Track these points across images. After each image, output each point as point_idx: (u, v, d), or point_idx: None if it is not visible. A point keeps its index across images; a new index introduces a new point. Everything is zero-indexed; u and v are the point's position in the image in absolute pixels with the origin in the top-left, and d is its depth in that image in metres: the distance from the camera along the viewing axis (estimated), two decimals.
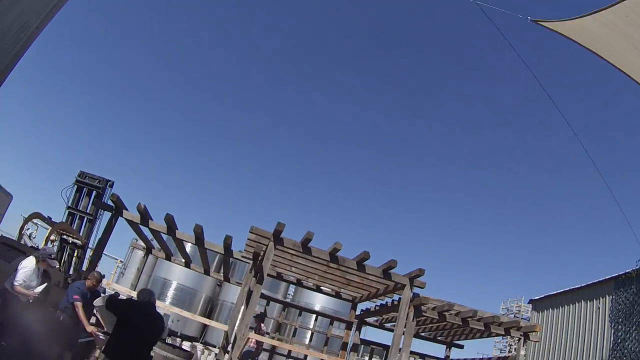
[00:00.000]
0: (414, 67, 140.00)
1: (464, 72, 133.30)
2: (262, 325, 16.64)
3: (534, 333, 16.27)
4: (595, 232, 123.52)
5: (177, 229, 15.04)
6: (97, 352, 7.55)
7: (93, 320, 10.33)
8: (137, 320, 7.27)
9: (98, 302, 8.47)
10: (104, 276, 11.94)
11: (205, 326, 27.37)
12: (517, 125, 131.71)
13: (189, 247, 20.76)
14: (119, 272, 34.41)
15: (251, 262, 14.73)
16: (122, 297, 10.39)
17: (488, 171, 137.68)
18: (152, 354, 7.96)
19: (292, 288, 28.60)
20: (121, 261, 35.16)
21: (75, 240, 14.67)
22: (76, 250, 14.78)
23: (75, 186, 15.07)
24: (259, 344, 15.93)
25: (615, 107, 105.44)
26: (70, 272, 14.39)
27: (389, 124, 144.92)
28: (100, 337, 9.22)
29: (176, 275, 27.45)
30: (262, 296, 19.67)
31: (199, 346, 19.17)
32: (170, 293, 26.96)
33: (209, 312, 27.91)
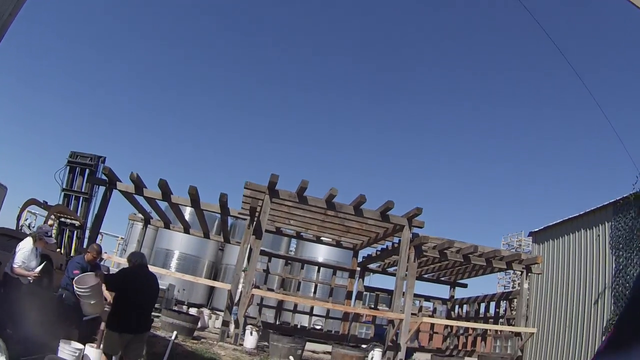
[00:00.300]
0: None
1: None
2: None
3: (536, 265, 16.38)
4: (593, 158, 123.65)
5: (172, 194, 15.06)
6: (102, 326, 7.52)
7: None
8: (135, 285, 7.30)
9: (79, 283, 8.39)
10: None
11: (211, 293, 27.53)
12: (515, 58, 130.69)
13: (187, 214, 20.81)
14: (121, 249, 34.40)
15: (248, 218, 14.75)
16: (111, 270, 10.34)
17: (481, 105, 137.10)
18: (156, 319, 8.02)
19: (293, 244, 28.69)
20: (122, 238, 35.14)
21: (73, 221, 14.64)
22: (75, 231, 14.75)
23: (68, 167, 14.97)
24: None
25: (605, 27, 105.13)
26: (72, 254, 14.38)
27: (382, 70, 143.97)
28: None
29: (177, 244, 27.48)
30: (263, 253, 19.79)
31: (206, 311, 19.25)
32: (174, 263, 27.00)
33: (213, 277, 27.97)
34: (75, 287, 8.16)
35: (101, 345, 7.50)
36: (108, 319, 7.31)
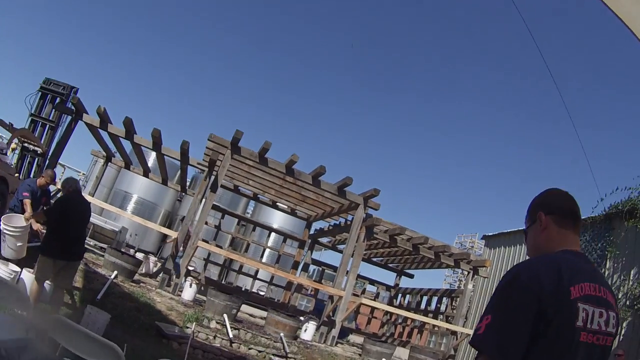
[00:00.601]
0: None
1: None
2: None
3: (483, 268, 16.52)
4: (558, 178, 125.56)
5: (136, 134, 14.89)
6: (38, 262, 7.46)
7: None
8: (73, 212, 7.40)
9: (8, 222, 8.26)
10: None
11: (161, 243, 27.40)
12: (494, 61, 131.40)
13: (151, 161, 20.63)
14: (81, 184, 33.99)
15: (207, 170, 14.64)
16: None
17: (451, 106, 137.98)
18: (101, 257, 8.05)
19: (251, 206, 28.60)
20: (83, 173, 34.70)
21: (36, 148, 14.42)
22: (37, 159, 14.53)
23: (40, 93, 14.70)
24: None
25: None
26: None
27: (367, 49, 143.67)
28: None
29: (137, 188, 27.19)
30: (218, 209, 19.73)
31: (153, 258, 19.14)
32: (130, 206, 26.68)
33: (167, 227, 27.83)
34: (2, 225, 8.05)
35: (35, 271, 7.44)
36: (43, 246, 7.32)
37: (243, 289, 19.42)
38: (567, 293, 1.94)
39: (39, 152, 14.38)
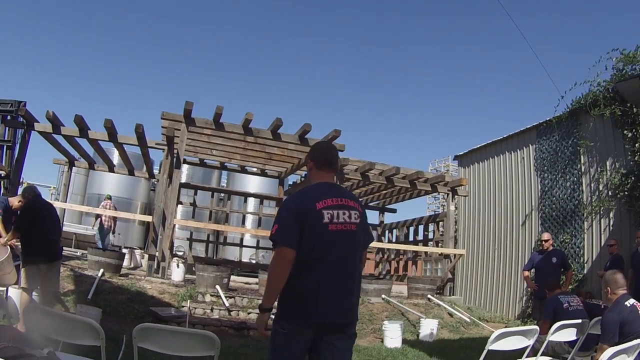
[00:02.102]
0: None
1: None
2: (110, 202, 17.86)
3: (461, 187, 16.64)
4: (518, 83, 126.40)
5: (90, 129, 14.68)
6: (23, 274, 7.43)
7: None
8: (41, 216, 7.56)
9: None
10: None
11: (147, 235, 27.29)
12: None
13: (115, 158, 20.38)
14: (54, 198, 33.63)
15: (166, 148, 14.49)
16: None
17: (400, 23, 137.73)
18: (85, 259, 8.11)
19: (224, 178, 28.60)
20: (54, 187, 34.33)
21: None
22: (2, 182, 14.28)
23: None
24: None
25: None
26: None
27: None
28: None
29: (108, 188, 26.84)
30: (189, 186, 19.65)
31: (137, 250, 19.07)
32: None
33: None
34: None
35: (22, 283, 7.41)
36: (25, 257, 7.37)
37: (236, 260, 19.47)
38: (313, 206, 3.36)
39: (2, 174, 14.17)
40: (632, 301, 5.29)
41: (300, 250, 3.25)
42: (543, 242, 10.71)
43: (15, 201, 9.69)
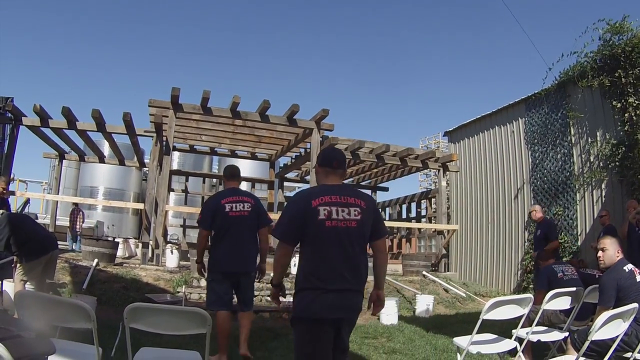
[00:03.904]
0: None
1: None
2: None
3: (452, 163, 16.66)
4: (505, 56, 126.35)
5: (78, 121, 14.60)
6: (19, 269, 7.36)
7: None
8: (30, 225, 7.54)
9: None
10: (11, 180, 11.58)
11: (141, 225, 27.32)
12: None
13: (106, 150, 20.31)
14: (46, 193, 33.63)
15: (155, 135, 14.44)
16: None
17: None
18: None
19: (215, 164, 28.62)
20: (46, 182, 34.29)
21: None
22: None
23: None
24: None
25: None
26: None
27: None
28: None
29: (100, 180, 27.00)
30: (180, 173, 19.62)
31: (132, 240, 19.06)
32: (100, 199, 26.52)
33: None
34: None
35: (16, 277, 7.35)
36: (23, 255, 7.22)
37: None
38: (309, 204, 3.68)
39: None
40: (630, 266, 5.32)
41: (306, 241, 3.71)
42: (530, 215, 10.77)
43: None
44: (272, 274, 4.06)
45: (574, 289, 6.09)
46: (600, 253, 5.56)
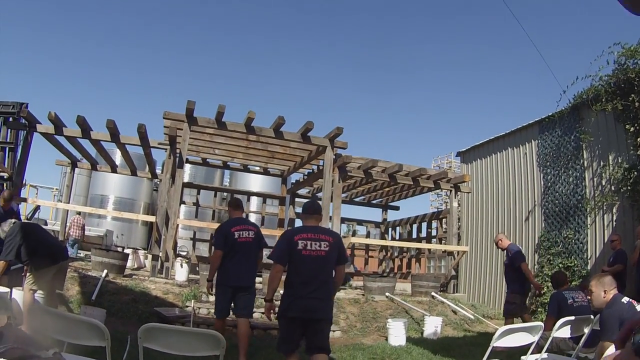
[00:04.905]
0: None
1: None
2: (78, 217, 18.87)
3: (464, 184, 16.62)
4: (520, 78, 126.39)
5: (92, 130, 14.69)
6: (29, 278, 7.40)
7: None
8: (37, 229, 7.96)
9: None
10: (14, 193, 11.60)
11: (150, 235, 27.38)
12: None
13: (118, 159, 20.43)
14: (57, 200, 33.79)
15: (169, 148, 14.51)
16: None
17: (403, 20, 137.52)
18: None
19: (227, 176, 28.70)
20: (57, 189, 34.47)
21: (2, 174, 14.18)
22: (4, 184, 14.26)
23: None
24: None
25: None
26: None
27: None
28: None
29: (111, 189, 27.13)
30: (191, 186, 19.67)
31: (141, 251, 19.10)
32: (110, 207, 26.59)
33: None
34: None
35: (26, 286, 7.39)
36: (33, 265, 7.30)
37: None
38: (292, 239, 5.41)
39: (5, 177, 14.17)
40: (627, 298, 5.31)
41: (290, 264, 5.47)
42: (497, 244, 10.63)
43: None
44: (266, 291, 5.65)
45: (584, 316, 6.09)
46: (589, 295, 5.57)
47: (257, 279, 15.47)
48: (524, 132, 15.63)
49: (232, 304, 7.58)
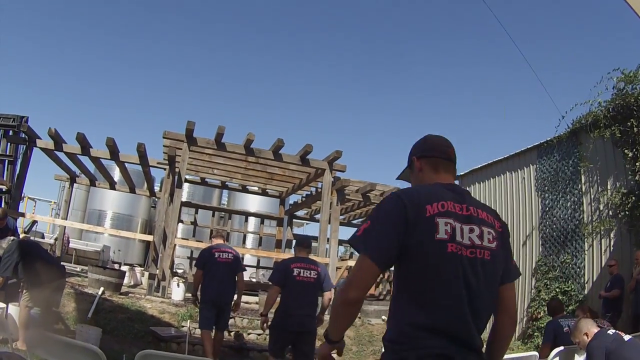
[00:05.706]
0: None
1: None
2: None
3: None
4: (518, 103, 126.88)
5: (92, 147, 14.75)
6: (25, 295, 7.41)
7: None
8: (33, 246, 8.04)
9: None
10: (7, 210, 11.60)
11: (147, 252, 27.31)
12: None
13: (116, 175, 20.45)
14: (54, 213, 33.75)
15: (167, 167, 14.56)
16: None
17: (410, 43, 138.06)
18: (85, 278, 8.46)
19: (225, 196, 28.70)
20: (55, 202, 34.45)
21: (0, 186, 14.21)
22: (3, 197, 14.29)
23: None
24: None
25: None
26: None
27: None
28: None
29: (109, 204, 27.08)
30: (190, 205, 19.68)
31: (138, 268, 19.05)
32: (107, 223, 26.55)
33: (148, 234, 27.75)
34: None
35: (22, 303, 7.40)
36: (30, 282, 7.33)
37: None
38: (289, 266, 6.65)
39: (3, 189, 14.19)
40: (613, 330, 5.34)
41: (284, 287, 6.75)
42: None
43: None
44: (259, 308, 5.62)
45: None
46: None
47: (254, 299, 15.71)
48: (522, 156, 15.64)
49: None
